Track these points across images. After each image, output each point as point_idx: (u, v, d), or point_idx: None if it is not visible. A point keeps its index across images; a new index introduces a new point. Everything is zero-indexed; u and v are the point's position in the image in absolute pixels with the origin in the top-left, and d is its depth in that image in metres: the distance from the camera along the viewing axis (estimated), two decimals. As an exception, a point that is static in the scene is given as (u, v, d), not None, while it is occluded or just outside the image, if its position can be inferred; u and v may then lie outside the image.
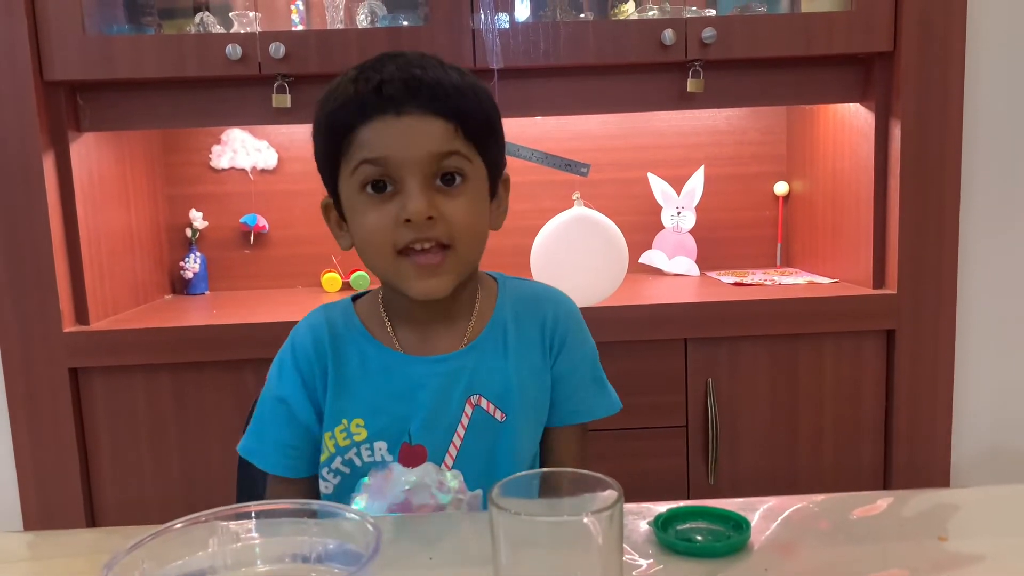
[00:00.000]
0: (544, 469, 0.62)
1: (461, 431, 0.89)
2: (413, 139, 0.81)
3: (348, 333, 0.92)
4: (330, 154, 0.85)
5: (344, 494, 0.90)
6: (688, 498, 1.64)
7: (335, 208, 0.90)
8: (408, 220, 0.81)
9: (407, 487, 0.88)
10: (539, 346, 0.94)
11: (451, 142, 0.83)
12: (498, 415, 0.90)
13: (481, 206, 0.87)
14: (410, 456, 0.89)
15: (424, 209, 0.80)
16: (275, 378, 0.92)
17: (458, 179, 0.84)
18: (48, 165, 1.54)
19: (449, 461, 0.89)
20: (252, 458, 0.92)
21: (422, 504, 0.89)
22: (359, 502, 0.90)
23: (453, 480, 0.89)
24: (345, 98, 0.83)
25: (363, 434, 0.89)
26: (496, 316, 0.93)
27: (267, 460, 0.92)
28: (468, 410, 0.90)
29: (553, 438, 0.97)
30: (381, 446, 0.89)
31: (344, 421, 0.89)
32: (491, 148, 0.88)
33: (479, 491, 0.90)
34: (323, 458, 0.90)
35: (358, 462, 0.89)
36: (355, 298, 0.97)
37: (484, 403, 0.90)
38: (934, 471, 1.66)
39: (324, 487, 0.91)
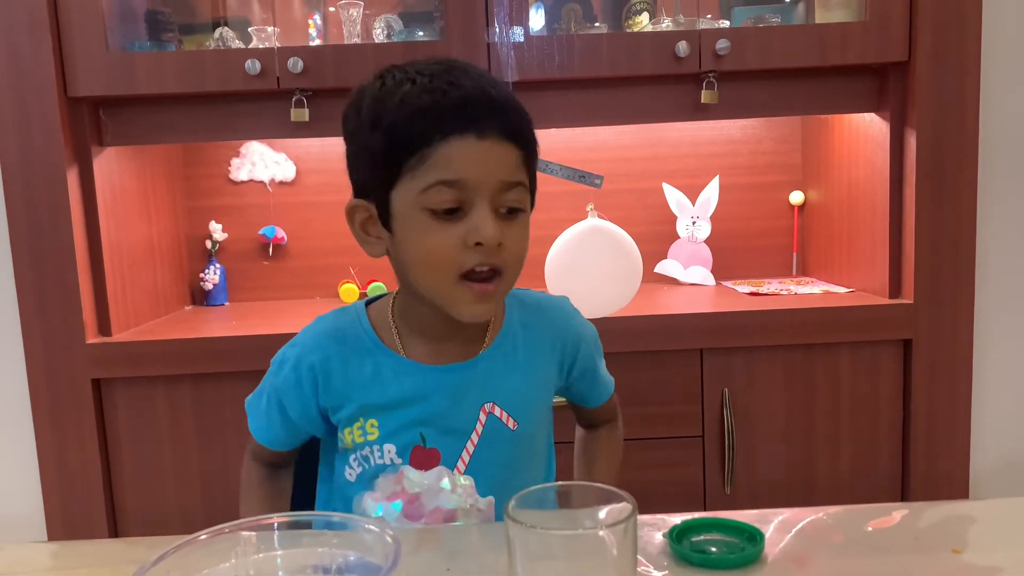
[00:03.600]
0: (559, 483, 0.63)
1: (475, 438, 0.90)
2: (491, 164, 0.80)
3: (359, 342, 0.91)
4: (391, 162, 0.81)
5: (364, 483, 0.92)
6: (704, 508, 1.64)
7: (377, 214, 0.85)
8: (478, 243, 0.80)
9: (417, 489, 0.90)
10: (549, 356, 0.96)
11: (518, 172, 0.82)
12: (511, 424, 0.91)
13: (528, 235, 0.86)
14: (423, 459, 0.90)
15: (498, 236, 0.79)
16: (276, 369, 0.93)
17: (515, 208, 0.84)
18: (72, 179, 1.57)
19: (461, 467, 0.90)
20: (249, 415, 0.96)
21: (433, 507, 0.90)
22: (370, 502, 0.91)
23: (464, 484, 0.90)
24: (420, 108, 0.79)
25: (375, 434, 0.90)
26: (506, 329, 0.94)
27: (255, 424, 0.96)
28: (482, 418, 0.91)
29: (591, 411, 1.05)
30: (390, 448, 0.90)
31: (360, 419, 0.90)
32: (534, 174, 0.88)
33: (491, 498, 0.91)
34: (349, 446, 0.92)
35: (372, 460, 0.91)
36: (368, 303, 0.96)
37: (497, 411, 0.91)
38: (953, 481, 1.66)
39: (348, 474, 0.92)
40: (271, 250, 2.03)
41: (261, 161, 1.99)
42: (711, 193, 1.98)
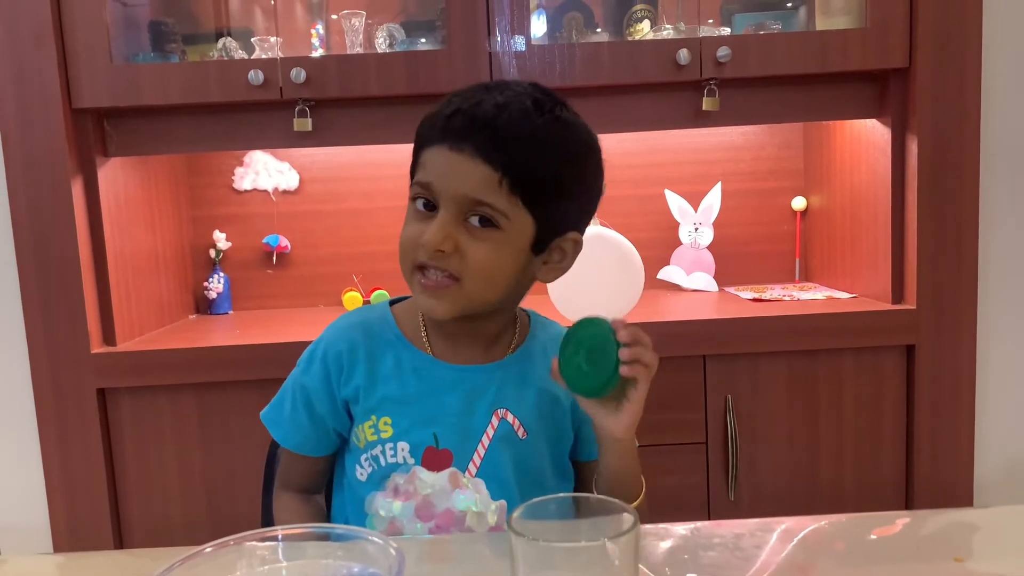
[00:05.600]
0: (562, 494, 0.63)
1: (486, 441, 0.92)
2: (456, 176, 0.83)
3: (384, 335, 0.95)
4: (412, 161, 0.91)
5: (375, 483, 0.93)
6: (708, 515, 1.65)
7: None
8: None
9: (429, 491, 0.91)
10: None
11: (488, 193, 0.83)
12: (521, 432, 0.93)
13: (505, 256, 0.86)
14: (435, 460, 0.92)
15: (436, 243, 0.83)
16: (304, 365, 0.97)
17: (491, 225, 0.85)
18: (76, 189, 1.58)
19: (473, 469, 0.92)
20: (270, 427, 0.99)
21: (444, 509, 0.91)
22: (382, 500, 0.92)
23: (475, 487, 0.92)
24: (431, 115, 0.88)
25: (389, 432, 0.92)
26: (527, 345, 0.98)
27: (280, 432, 0.98)
28: (494, 422, 0.93)
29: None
30: (404, 447, 0.91)
31: (373, 417, 0.92)
32: (548, 206, 0.87)
33: (502, 501, 0.92)
34: (360, 444, 0.94)
35: (383, 460, 0.92)
36: (392, 303, 1.00)
37: (510, 417, 0.93)
38: (957, 487, 1.65)
39: (360, 474, 0.94)
40: (275, 259, 2.04)
41: (264, 170, 2.00)
42: (713, 199, 1.98)
